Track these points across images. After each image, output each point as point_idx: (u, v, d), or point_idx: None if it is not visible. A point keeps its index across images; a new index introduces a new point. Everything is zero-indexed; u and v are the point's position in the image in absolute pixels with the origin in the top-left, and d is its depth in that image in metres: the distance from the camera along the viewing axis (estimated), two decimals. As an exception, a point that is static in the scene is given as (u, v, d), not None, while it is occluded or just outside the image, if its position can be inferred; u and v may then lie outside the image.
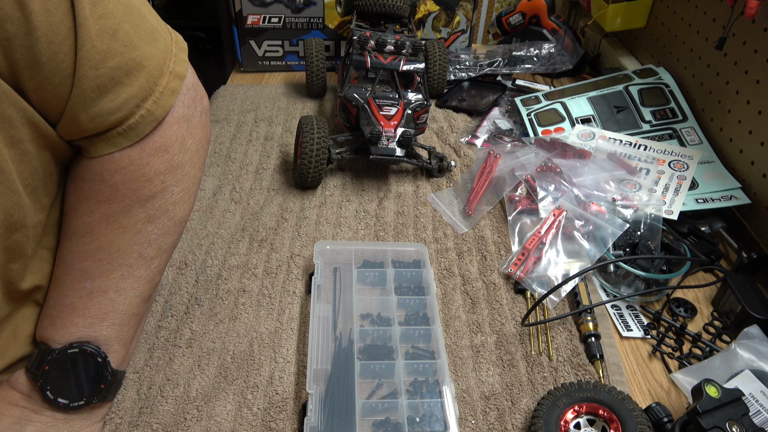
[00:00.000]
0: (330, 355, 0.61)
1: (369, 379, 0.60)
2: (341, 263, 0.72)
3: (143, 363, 0.62)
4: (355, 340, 0.62)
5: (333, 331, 0.64)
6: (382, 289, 0.70)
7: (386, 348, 0.63)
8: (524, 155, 0.87)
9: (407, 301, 0.68)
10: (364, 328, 0.65)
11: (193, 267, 0.74)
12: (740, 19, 0.83)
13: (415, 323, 0.66)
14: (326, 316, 0.66)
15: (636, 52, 1.19)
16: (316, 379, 0.58)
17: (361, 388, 0.58)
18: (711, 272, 0.76)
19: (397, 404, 0.57)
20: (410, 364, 0.61)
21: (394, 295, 0.68)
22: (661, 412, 0.55)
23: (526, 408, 0.59)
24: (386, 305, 0.67)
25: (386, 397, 0.58)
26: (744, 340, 0.61)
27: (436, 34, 1.25)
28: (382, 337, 0.64)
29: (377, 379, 0.60)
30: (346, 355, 0.61)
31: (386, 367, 0.60)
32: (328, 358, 0.61)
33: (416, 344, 0.64)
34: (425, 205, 0.86)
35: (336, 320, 0.65)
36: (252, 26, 1.18)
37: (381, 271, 0.71)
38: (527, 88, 1.14)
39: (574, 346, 0.65)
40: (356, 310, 0.66)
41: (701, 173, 0.84)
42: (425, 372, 0.60)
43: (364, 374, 0.60)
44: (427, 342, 0.64)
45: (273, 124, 1.05)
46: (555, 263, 0.73)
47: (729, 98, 0.87)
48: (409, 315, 0.67)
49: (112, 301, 0.53)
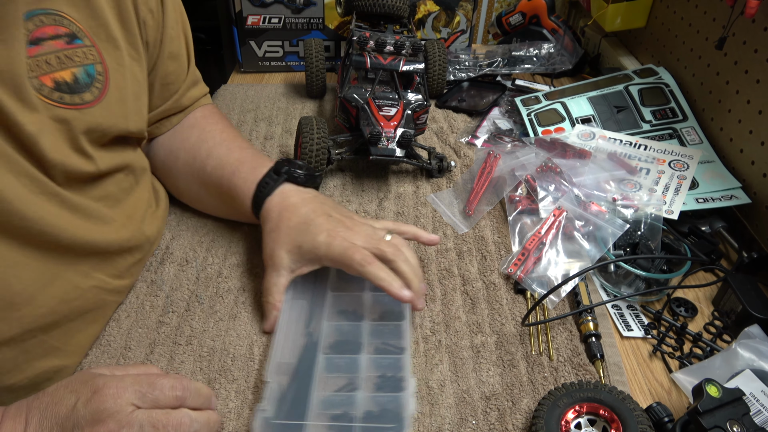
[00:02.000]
0: (299, 351, 0.61)
1: (334, 374, 0.59)
2: None
3: (144, 357, 0.62)
4: (323, 335, 0.62)
5: (306, 327, 0.63)
6: (357, 287, 0.69)
7: (355, 343, 0.62)
8: (524, 155, 0.87)
9: (381, 297, 0.67)
10: (334, 323, 0.64)
11: (194, 264, 0.74)
12: (740, 18, 0.83)
13: (388, 319, 0.65)
14: (299, 313, 0.65)
15: (636, 52, 1.19)
16: (280, 372, 0.57)
17: (326, 383, 0.58)
18: (711, 272, 0.76)
19: (355, 398, 0.56)
20: (376, 360, 0.59)
21: (368, 291, 0.67)
22: (661, 411, 0.55)
23: (527, 408, 0.59)
24: (360, 302, 0.67)
25: (344, 390, 0.57)
26: (745, 339, 0.61)
27: (436, 34, 1.25)
28: (352, 332, 0.63)
29: (340, 373, 0.59)
30: (311, 350, 0.60)
31: (350, 362, 0.59)
32: (295, 353, 0.60)
33: (387, 341, 0.63)
34: (425, 206, 0.86)
35: (310, 317, 0.65)
36: (252, 27, 1.18)
37: None
38: (527, 88, 1.14)
39: (575, 346, 0.65)
40: (332, 307, 0.65)
41: (701, 173, 0.84)
42: (391, 367, 0.59)
43: (330, 369, 0.59)
44: (398, 338, 0.63)
45: (273, 124, 1.05)
46: (555, 263, 0.73)
47: (729, 98, 0.87)
48: (384, 312, 0.66)
49: None
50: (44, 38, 0.55)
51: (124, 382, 0.48)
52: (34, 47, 0.54)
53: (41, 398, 0.48)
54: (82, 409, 0.46)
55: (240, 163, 0.74)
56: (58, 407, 0.47)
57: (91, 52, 0.60)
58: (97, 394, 0.46)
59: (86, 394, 0.47)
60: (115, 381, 0.48)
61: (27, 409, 0.47)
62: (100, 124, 0.60)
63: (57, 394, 0.48)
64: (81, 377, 0.49)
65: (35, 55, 0.54)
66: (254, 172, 0.72)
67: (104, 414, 0.45)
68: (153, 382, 0.49)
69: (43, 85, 0.55)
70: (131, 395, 0.47)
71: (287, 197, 0.70)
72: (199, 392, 0.52)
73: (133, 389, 0.48)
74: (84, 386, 0.48)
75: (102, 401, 0.46)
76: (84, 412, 0.46)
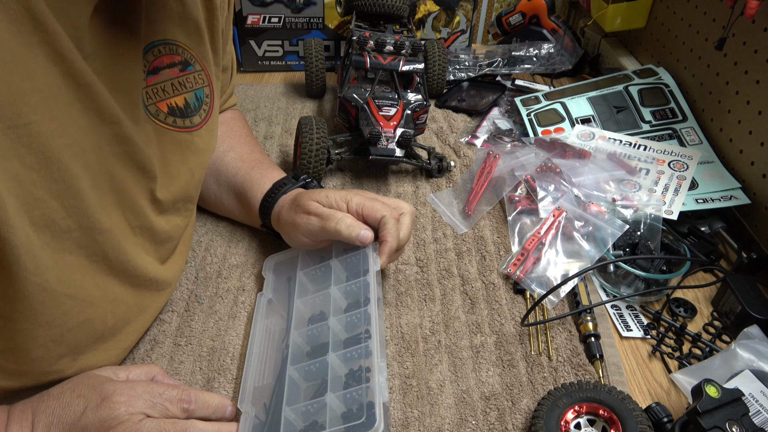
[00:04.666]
0: (273, 369, 0.58)
1: (310, 382, 0.56)
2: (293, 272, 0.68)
3: (144, 354, 0.62)
4: (290, 347, 0.58)
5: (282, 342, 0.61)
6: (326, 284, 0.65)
7: (322, 345, 0.59)
8: (524, 155, 0.87)
9: (348, 288, 0.63)
10: (303, 330, 0.60)
11: (192, 263, 0.74)
12: (740, 19, 0.83)
13: (354, 309, 0.60)
14: (273, 330, 0.62)
15: (636, 52, 1.19)
16: (257, 399, 0.55)
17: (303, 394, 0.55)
18: (711, 272, 0.76)
19: (324, 402, 0.52)
20: (342, 356, 0.56)
21: (333, 286, 0.63)
22: (661, 412, 0.55)
23: (527, 408, 0.59)
24: (327, 300, 0.63)
25: (313, 397, 0.54)
26: (744, 340, 0.61)
27: (436, 34, 1.25)
28: (319, 335, 0.60)
29: (314, 380, 0.56)
30: (284, 364, 0.58)
31: (319, 366, 0.56)
32: (271, 373, 0.57)
33: (353, 332, 0.59)
34: (425, 206, 0.86)
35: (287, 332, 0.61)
36: (252, 26, 1.18)
37: (325, 265, 0.66)
38: (527, 88, 1.14)
39: (574, 346, 0.65)
40: (304, 314, 0.63)
41: (701, 173, 0.84)
42: (359, 358, 0.56)
43: (307, 378, 0.56)
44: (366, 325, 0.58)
45: (272, 124, 1.05)
46: (554, 263, 0.73)
47: (729, 98, 0.87)
48: (350, 303, 0.62)
49: None
50: (162, 67, 0.57)
51: (135, 390, 0.48)
52: (152, 77, 0.56)
53: (47, 401, 0.47)
54: (91, 415, 0.46)
55: (260, 162, 0.77)
56: (65, 412, 0.46)
57: (200, 76, 0.62)
58: (106, 401, 0.46)
59: (95, 400, 0.46)
60: (125, 389, 0.48)
61: (33, 413, 0.47)
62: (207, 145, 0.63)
63: (64, 398, 0.47)
64: (88, 381, 0.49)
65: (153, 84, 0.56)
66: (273, 172, 0.75)
67: (114, 422, 0.45)
68: (162, 392, 0.49)
69: (159, 111, 0.57)
70: (142, 404, 0.47)
71: None
72: (207, 403, 0.51)
73: (143, 399, 0.47)
74: (93, 392, 0.47)
75: (112, 409, 0.46)
76: (93, 418, 0.45)
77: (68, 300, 0.48)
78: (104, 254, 0.51)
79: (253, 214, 0.74)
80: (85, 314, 0.50)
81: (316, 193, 0.67)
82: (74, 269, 0.48)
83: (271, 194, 0.71)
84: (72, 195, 0.46)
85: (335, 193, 0.66)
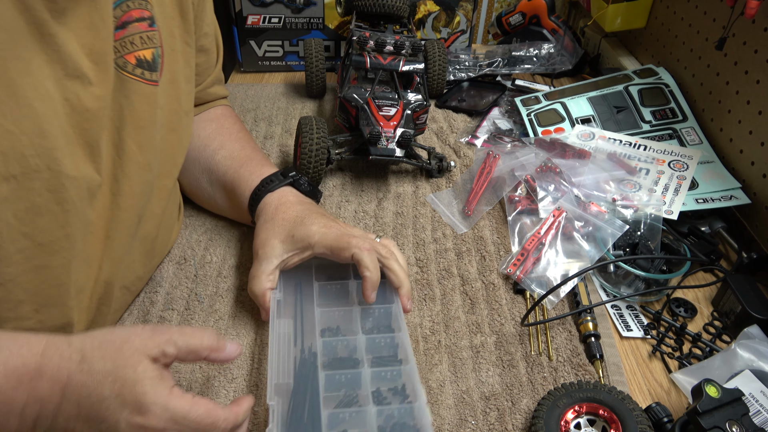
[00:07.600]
0: (292, 370, 0.58)
1: (334, 392, 0.56)
2: (303, 278, 0.68)
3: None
4: (319, 353, 0.58)
5: (294, 345, 0.60)
6: (345, 302, 0.65)
7: (351, 360, 0.59)
8: (524, 155, 0.87)
9: (372, 311, 0.63)
10: (327, 339, 0.60)
11: (192, 262, 0.74)
12: (740, 19, 0.83)
13: (379, 332, 0.62)
14: (287, 332, 0.62)
15: (636, 52, 1.19)
16: (278, 393, 0.54)
17: (327, 400, 0.54)
18: (711, 272, 0.76)
19: (365, 413, 0.52)
20: (377, 372, 0.56)
21: (357, 306, 0.63)
22: (661, 412, 0.55)
23: (527, 408, 0.59)
24: (349, 317, 0.63)
25: (353, 406, 0.54)
26: (744, 340, 0.61)
27: (436, 34, 1.25)
28: (347, 348, 0.60)
29: (343, 390, 0.56)
30: (309, 367, 0.57)
31: (352, 377, 0.56)
32: (289, 373, 0.57)
33: (382, 353, 0.60)
34: (424, 206, 0.86)
35: (296, 335, 0.61)
36: (252, 26, 1.18)
37: (343, 283, 0.66)
38: (527, 88, 1.14)
39: (574, 346, 0.65)
40: (319, 324, 0.62)
41: (701, 173, 0.84)
42: (393, 379, 0.56)
43: (330, 385, 0.56)
44: (394, 351, 0.60)
45: (272, 124, 1.05)
46: (554, 263, 0.73)
47: (729, 98, 0.87)
48: (374, 326, 0.63)
49: None
50: (130, 21, 0.58)
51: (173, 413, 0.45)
52: (120, 31, 0.57)
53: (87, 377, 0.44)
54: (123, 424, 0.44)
55: (250, 159, 0.77)
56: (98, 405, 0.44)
57: (157, 36, 0.62)
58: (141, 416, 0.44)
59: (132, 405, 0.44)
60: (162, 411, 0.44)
61: (68, 379, 0.44)
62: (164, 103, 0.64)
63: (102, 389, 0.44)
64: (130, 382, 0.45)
65: (121, 38, 0.57)
66: (262, 169, 0.75)
67: None
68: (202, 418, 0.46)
69: (127, 63, 0.58)
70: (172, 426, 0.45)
71: (286, 196, 0.71)
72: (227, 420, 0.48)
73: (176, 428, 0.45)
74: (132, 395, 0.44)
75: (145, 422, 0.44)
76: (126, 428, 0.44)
77: (23, 239, 0.49)
78: (73, 203, 0.52)
79: (244, 212, 0.74)
80: (42, 260, 0.51)
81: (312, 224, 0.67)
82: (41, 212, 0.49)
83: (258, 191, 0.72)
84: (39, 135, 0.47)
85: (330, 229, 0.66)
